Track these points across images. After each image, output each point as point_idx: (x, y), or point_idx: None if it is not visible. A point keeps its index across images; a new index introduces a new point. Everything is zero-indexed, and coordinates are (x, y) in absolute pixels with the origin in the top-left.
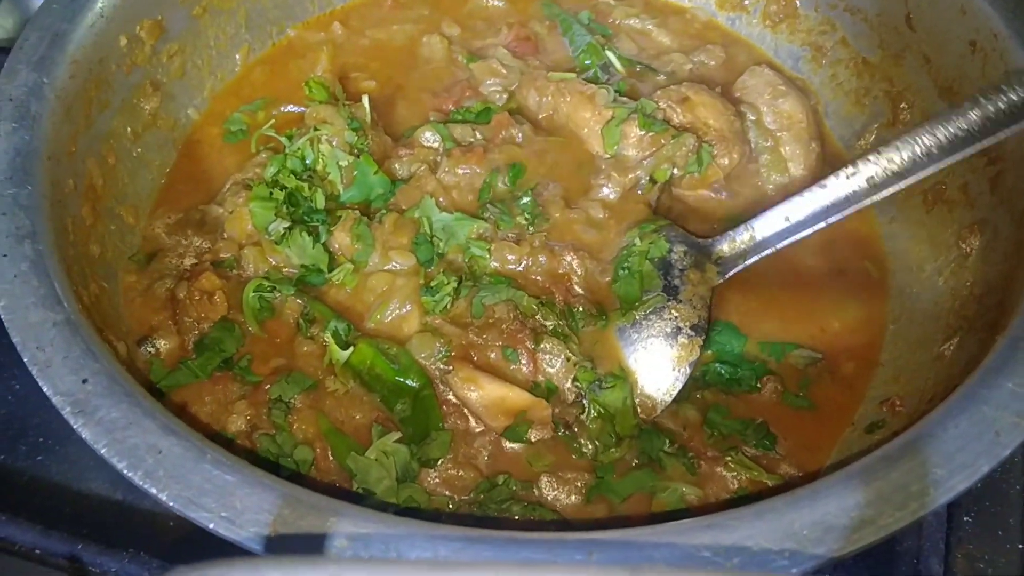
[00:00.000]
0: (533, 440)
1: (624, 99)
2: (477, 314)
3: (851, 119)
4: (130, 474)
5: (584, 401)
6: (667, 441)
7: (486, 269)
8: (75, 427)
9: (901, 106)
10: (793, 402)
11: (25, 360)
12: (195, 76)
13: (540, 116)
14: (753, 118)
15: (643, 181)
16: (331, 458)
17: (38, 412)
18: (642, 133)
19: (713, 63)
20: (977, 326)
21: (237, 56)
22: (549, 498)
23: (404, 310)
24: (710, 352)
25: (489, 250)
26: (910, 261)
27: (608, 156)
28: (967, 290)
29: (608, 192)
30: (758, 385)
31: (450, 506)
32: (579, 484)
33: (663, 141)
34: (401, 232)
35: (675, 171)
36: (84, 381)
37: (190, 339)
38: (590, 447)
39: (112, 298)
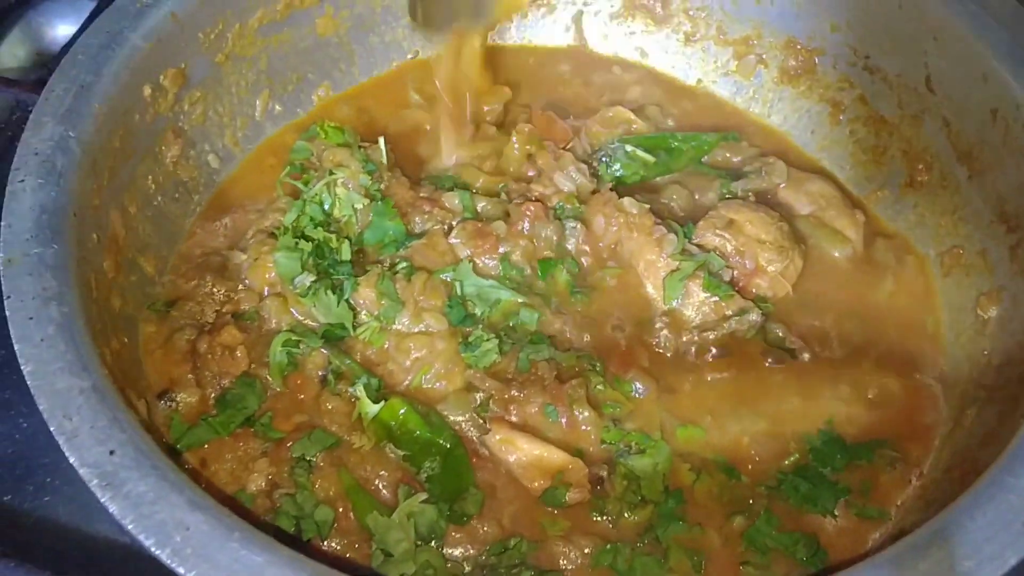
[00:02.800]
0: (571, 503)
1: (693, 247)
2: (523, 368)
3: (869, 177)
4: (158, 552)
5: (618, 461)
6: (684, 527)
7: (528, 330)
8: (102, 501)
9: (919, 167)
10: (867, 513)
11: (52, 429)
12: (216, 122)
13: (602, 244)
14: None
15: (693, 350)
16: (352, 517)
17: (46, 451)
18: (705, 296)
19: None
20: (996, 397)
21: (257, 102)
22: (559, 559)
23: (447, 371)
24: (796, 457)
25: (538, 319)
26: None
27: (665, 307)
28: (984, 358)
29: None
30: (835, 513)
31: (466, 568)
32: (587, 550)
33: (727, 311)
34: (433, 294)
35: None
36: (111, 452)
37: (211, 393)
38: (611, 508)
39: (132, 352)
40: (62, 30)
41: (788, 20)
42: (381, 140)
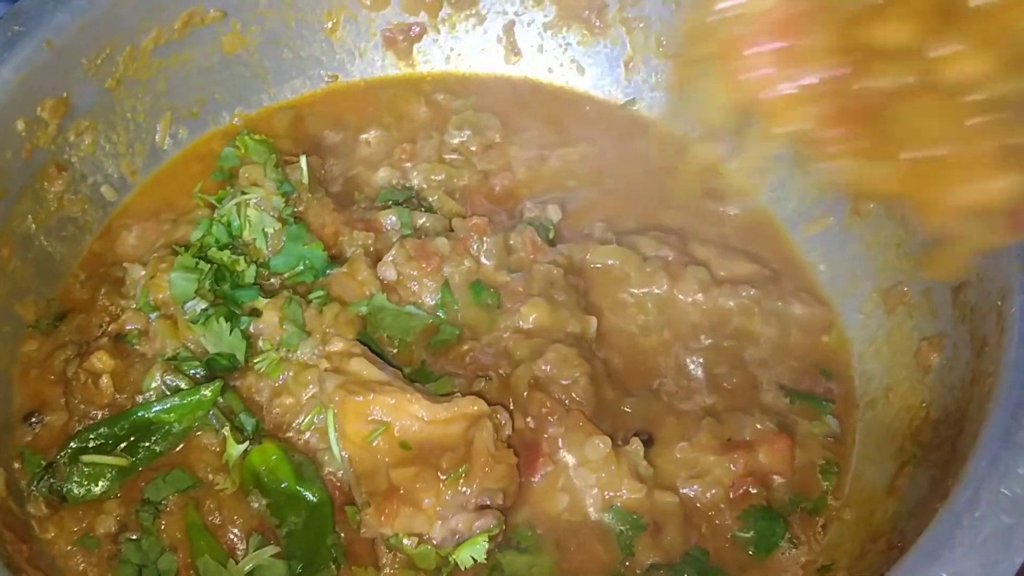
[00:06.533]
0: None
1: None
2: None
3: (815, 204)
4: None
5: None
6: None
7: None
8: None
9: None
10: None
11: None
12: (109, 151)
13: (507, 434)
14: None
15: None
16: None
17: None
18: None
19: None
20: (931, 459)
21: (158, 127)
22: None
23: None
24: None
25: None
26: (865, 368)
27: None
28: (923, 411)
29: None
30: None
31: None
32: None
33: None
34: (345, 327)
35: None
36: None
37: (75, 419)
38: None
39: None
40: None
41: None
42: (303, 159)
